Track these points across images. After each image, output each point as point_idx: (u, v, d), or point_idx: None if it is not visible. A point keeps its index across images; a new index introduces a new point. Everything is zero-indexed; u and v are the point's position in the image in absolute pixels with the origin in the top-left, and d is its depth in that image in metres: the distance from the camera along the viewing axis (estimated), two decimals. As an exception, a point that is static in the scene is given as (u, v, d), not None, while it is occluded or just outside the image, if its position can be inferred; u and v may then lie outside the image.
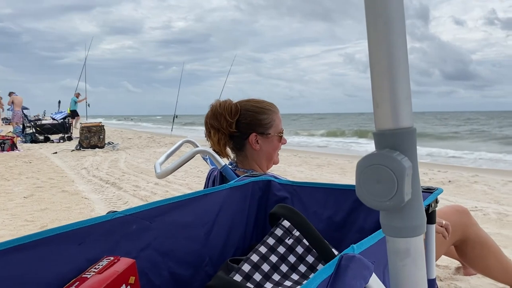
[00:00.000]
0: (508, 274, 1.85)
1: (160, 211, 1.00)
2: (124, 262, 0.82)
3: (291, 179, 1.39)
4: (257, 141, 1.65)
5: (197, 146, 1.91)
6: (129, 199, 4.34)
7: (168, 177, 5.46)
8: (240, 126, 1.65)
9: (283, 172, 6.26)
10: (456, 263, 2.28)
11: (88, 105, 16.91)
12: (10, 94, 15.23)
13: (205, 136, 1.68)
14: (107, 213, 0.93)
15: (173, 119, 17.97)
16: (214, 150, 1.66)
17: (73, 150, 10.27)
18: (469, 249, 1.85)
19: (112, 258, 0.82)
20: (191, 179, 5.51)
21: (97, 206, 4.07)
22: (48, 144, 12.51)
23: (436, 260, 1.87)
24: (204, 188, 1.75)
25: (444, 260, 2.27)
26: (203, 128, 1.74)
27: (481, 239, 1.83)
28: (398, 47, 0.42)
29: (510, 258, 2.33)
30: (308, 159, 8.61)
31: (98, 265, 0.80)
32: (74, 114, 17.53)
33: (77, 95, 17.81)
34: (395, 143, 0.42)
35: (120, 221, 0.91)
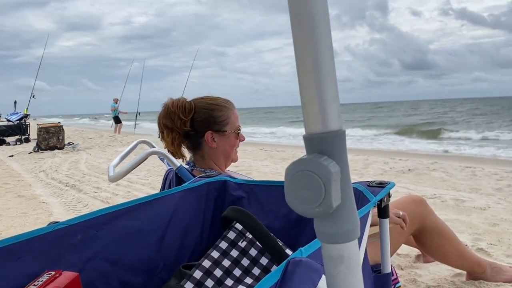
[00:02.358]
0: (464, 260, 1.91)
1: (107, 218, 0.96)
2: (67, 276, 0.78)
3: (256, 174, 1.38)
4: (214, 139, 1.62)
5: (153, 146, 1.86)
6: (89, 202, 4.22)
7: (130, 177, 5.34)
8: (195, 125, 1.62)
9: (248, 167, 6.25)
10: (416, 251, 2.34)
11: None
12: None
13: (159, 137, 1.64)
14: (49, 224, 0.88)
15: (136, 116, 17.62)
16: (168, 151, 1.62)
17: (30, 152, 9.89)
18: (427, 238, 1.89)
19: (53, 272, 0.78)
20: (154, 178, 5.42)
21: (55, 210, 3.94)
22: (3, 146, 12.00)
23: (396, 250, 1.91)
24: (161, 190, 1.71)
25: (405, 248, 2.32)
26: None
27: (438, 227, 1.88)
28: (323, 47, 0.41)
29: (466, 243, 2.41)
30: (274, 153, 8.64)
31: (38, 281, 0.76)
32: (116, 120, 16.58)
33: (116, 100, 16.47)
34: (323, 147, 0.41)
35: (62, 232, 0.86)
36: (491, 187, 4.38)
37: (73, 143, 11.17)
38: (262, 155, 8.17)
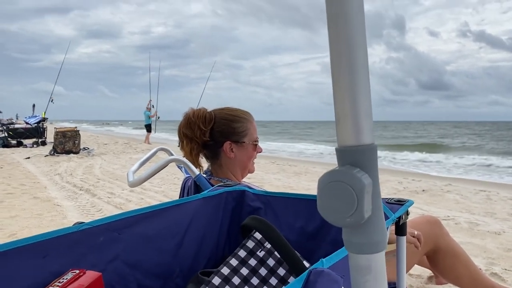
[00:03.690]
0: (477, 283, 1.89)
1: (129, 222, 0.98)
2: (90, 276, 0.80)
3: (268, 187, 1.39)
4: (232, 149, 1.64)
5: (172, 154, 1.89)
6: (103, 207, 4.26)
7: (144, 184, 5.38)
8: (214, 135, 1.64)
9: (260, 180, 6.26)
10: (428, 272, 2.31)
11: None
12: None
13: (178, 146, 1.67)
14: (74, 224, 0.91)
15: (156, 120, 17.62)
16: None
17: (46, 156, 10.04)
18: (441, 259, 1.88)
19: (77, 271, 0.80)
20: (167, 186, 5.46)
21: (69, 214, 3.98)
22: (20, 148, 12.21)
23: (409, 270, 1.90)
24: (179, 197, 1.73)
25: (417, 269, 2.30)
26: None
27: (452, 249, 1.87)
28: (359, 66, 0.42)
29: (480, 267, 2.38)
30: (286, 167, 8.64)
31: (63, 278, 0.78)
32: (148, 128, 15.88)
33: (149, 108, 15.81)
34: (356, 159, 0.42)
35: (87, 233, 0.89)
36: (506, 212, 4.31)
37: (88, 148, 11.31)
38: (274, 169, 8.17)
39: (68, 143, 10.65)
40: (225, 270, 0.87)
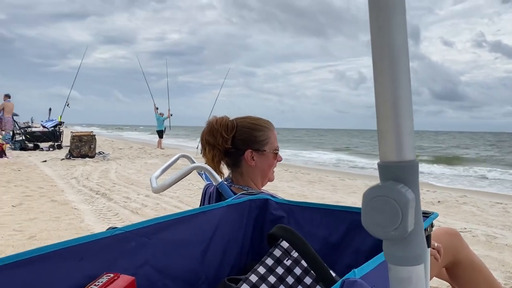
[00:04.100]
0: (497, 297, 1.87)
1: (158, 228, 1.01)
2: (124, 279, 0.82)
3: (281, 195, 1.41)
4: (253, 157, 1.67)
5: (193, 161, 1.92)
6: (119, 211, 4.32)
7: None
8: (236, 143, 1.67)
9: (273, 188, 6.26)
10: (446, 284, 2.29)
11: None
12: (5, 97, 14.29)
13: (201, 153, 1.70)
14: (107, 229, 0.93)
15: (165, 129, 17.81)
16: (208, 167, 1.67)
17: (63, 159, 10.19)
18: (460, 272, 1.86)
19: (112, 275, 0.83)
20: (182, 192, 5.50)
21: (87, 217, 4.04)
22: (37, 152, 12.40)
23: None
24: (200, 204, 1.76)
25: (435, 281, 2.28)
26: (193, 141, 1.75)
27: (472, 262, 1.85)
28: (403, 83, 0.44)
29: (499, 281, 2.35)
30: (299, 175, 8.63)
31: (98, 281, 0.81)
32: (160, 134, 16.22)
33: (162, 114, 16.07)
34: (398, 175, 0.44)
35: (119, 238, 0.91)
36: (525, 225, 4.26)
37: (103, 153, 11.45)
38: (288, 177, 8.17)
39: (84, 147, 10.80)
40: (253, 278, 0.89)
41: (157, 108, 16.25)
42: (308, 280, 0.92)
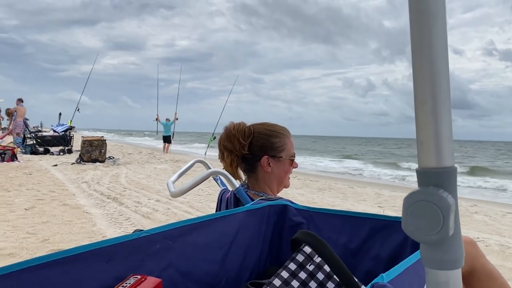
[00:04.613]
0: (513, 307, 1.85)
1: (181, 231, 1.02)
2: (151, 281, 0.84)
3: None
4: (269, 163, 1.68)
5: (209, 166, 1.94)
6: (130, 215, 4.34)
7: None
8: (253, 149, 1.68)
9: (283, 195, 6.23)
10: (459, 293, 2.28)
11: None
12: (18, 101, 14.44)
13: (219, 158, 1.72)
14: (134, 231, 0.95)
15: (172, 134, 17.91)
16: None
17: (73, 163, 10.27)
18: (475, 281, 1.85)
19: (139, 276, 0.84)
20: (192, 197, 5.52)
21: (98, 221, 4.07)
22: (48, 156, 12.52)
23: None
24: (216, 209, 1.77)
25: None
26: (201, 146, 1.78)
27: (488, 271, 1.84)
28: (442, 89, 0.45)
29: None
30: (308, 182, 8.62)
31: (126, 283, 0.82)
32: (167, 140, 16.51)
33: (168, 119, 16.41)
34: (438, 181, 0.45)
35: (145, 240, 0.93)
36: (538, 236, 4.21)
37: (113, 158, 11.52)
38: (297, 184, 8.16)
39: (94, 152, 10.88)
40: (277, 282, 0.90)
41: (156, 119, 16.54)
42: (330, 285, 0.92)
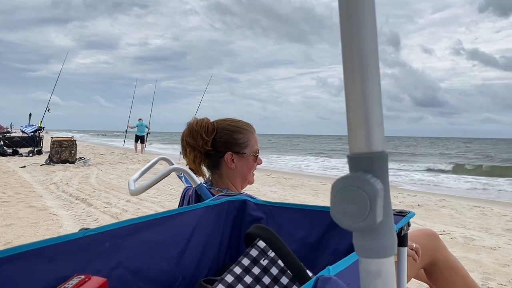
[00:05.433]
0: (475, 298, 1.89)
1: (133, 229, 0.99)
2: (95, 281, 0.80)
3: (264, 199, 1.40)
4: (233, 160, 1.66)
5: (172, 164, 1.90)
6: (99, 216, 4.25)
7: (141, 195, 5.37)
8: (216, 145, 1.66)
9: (256, 192, 6.26)
10: (425, 286, 2.31)
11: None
12: None
13: (181, 154, 1.69)
14: (80, 230, 0.91)
15: (146, 135, 17.75)
16: (190, 168, 1.66)
17: (42, 165, 10.00)
18: (438, 273, 1.88)
19: (83, 276, 0.81)
20: (164, 197, 5.44)
21: (65, 223, 3.96)
22: (16, 157, 12.15)
23: (407, 283, 1.90)
24: (179, 206, 1.74)
25: (414, 283, 2.30)
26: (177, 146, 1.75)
27: (450, 263, 1.87)
28: (372, 74, 0.44)
29: (476, 282, 2.38)
30: (282, 180, 8.64)
31: (68, 283, 0.78)
32: (141, 139, 16.51)
33: (140, 118, 16.64)
34: (368, 166, 0.44)
35: (92, 239, 0.89)
36: (501, 228, 4.33)
37: (84, 158, 11.28)
38: (270, 181, 8.17)
39: (64, 153, 10.62)
40: (229, 278, 0.88)
41: (126, 131, 17.18)
42: (284, 280, 0.91)
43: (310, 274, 0.92)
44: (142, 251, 1.00)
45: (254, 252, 0.94)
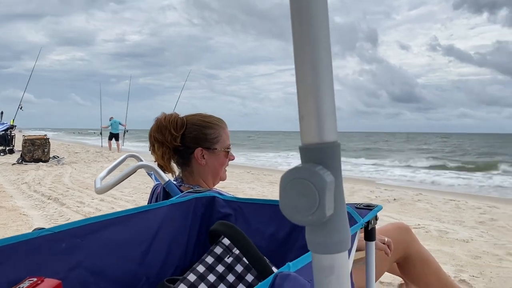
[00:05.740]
0: (446, 290, 1.91)
1: (93, 228, 0.95)
2: (49, 283, 0.76)
3: (242, 196, 1.38)
4: (203, 156, 1.62)
5: (141, 161, 1.86)
6: (71, 216, 4.15)
7: (115, 193, 5.27)
8: (186, 140, 1.62)
9: (234, 189, 6.23)
10: (399, 279, 2.33)
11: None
12: None
13: (149, 150, 1.64)
14: (34, 230, 0.87)
15: (124, 133, 17.52)
16: (158, 165, 1.62)
17: (14, 164, 9.73)
18: (411, 266, 1.89)
19: (35, 279, 0.77)
20: (139, 196, 5.36)
21: (36, 223, 3.86)
22: (-13, 157, 11.80)
23: (380, 277, 1.90)
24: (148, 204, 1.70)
25: (388, 277, 2.32)
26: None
27: (422, 256, 1.89)
28: (323, 65, 0.42)
29: (449, 274, 2.42)
30: (261, 176, 8.63)
31: (19, 287, 0.74)
32: (114, 137, 16.52)
33: (111, 117, 16.78)
34: (319, 157, 0.42)
35: (47, 239, 0.85)
36: (474, 220, 4.42)
37: (58, 157, 11.03)
38: (249, 178, 8.15)
39: (37, 151, 10.36)
40: (192, 277, 0.85)
41: (101, 131, 17.27)
42: (249, 277, 0.89)
43: (276, 270, 0.90)
44: (103, 251, 0.97)
45: (218, 250, 0.91)
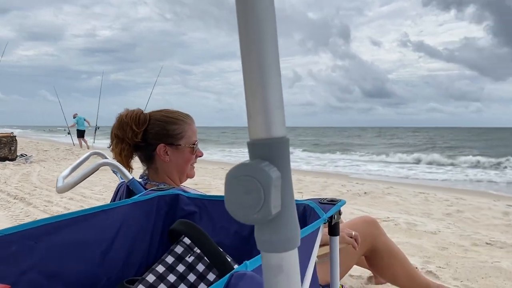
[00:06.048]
0: (413, 282, 1.94)
1: (48, 229, 0.91)
2: (-5, 289, 0.72)
3: (215, 193, 1.35)
4: (166, 152, 1.59)
5: (106, 158, 1.81)
6: (38, 215, 4.02)
7: (84, 191, 5.15)
8: (148, 137, 1.59)
9: (207, 185, 6.18)
10: (368, 272, 2.36)
11: None
12: None
13: (108, 147, 1.61)
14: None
15: (95, 130, 17.16)
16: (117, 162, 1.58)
17: (-22, 163, 9.38)
18: (378, 259, 1.92)
19: (-19, 284, 0.72)
20: (109, 194, 5.25)
21: (0, 224, 3.72)
22: (-51, 156, 11.32)
23: (348, 270, 1.92)
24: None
25: (357, 270, 2.34)
26: None
27: (389, 248, 1.91)
28: (270, 59, 0.41)
29: (416, 266, 2.46)
30: (234, 173, 8.60)
31: (-38, 293, 0.70)
32: (82, 134, 16.51)
33: (75, 114, 16.83)
34: (266, 153, 0.40)
35: (-5, 242, 0.81)
36: (442, 212, 4.53)
37: (26, 155, 10.70)
38: (223, 174, 8.12)
39: (3, 150, 10.01)
40: (151, 278, 0.82)
41: (69, 131, 17.08)
42: (211, 277, 0.87)
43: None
44: (59, 253, 0.93)
45: (179, 249, 0.89)
